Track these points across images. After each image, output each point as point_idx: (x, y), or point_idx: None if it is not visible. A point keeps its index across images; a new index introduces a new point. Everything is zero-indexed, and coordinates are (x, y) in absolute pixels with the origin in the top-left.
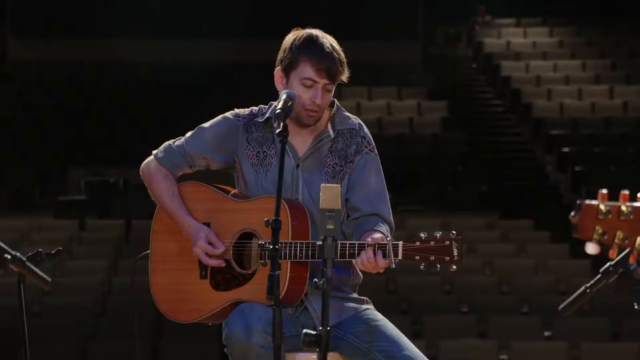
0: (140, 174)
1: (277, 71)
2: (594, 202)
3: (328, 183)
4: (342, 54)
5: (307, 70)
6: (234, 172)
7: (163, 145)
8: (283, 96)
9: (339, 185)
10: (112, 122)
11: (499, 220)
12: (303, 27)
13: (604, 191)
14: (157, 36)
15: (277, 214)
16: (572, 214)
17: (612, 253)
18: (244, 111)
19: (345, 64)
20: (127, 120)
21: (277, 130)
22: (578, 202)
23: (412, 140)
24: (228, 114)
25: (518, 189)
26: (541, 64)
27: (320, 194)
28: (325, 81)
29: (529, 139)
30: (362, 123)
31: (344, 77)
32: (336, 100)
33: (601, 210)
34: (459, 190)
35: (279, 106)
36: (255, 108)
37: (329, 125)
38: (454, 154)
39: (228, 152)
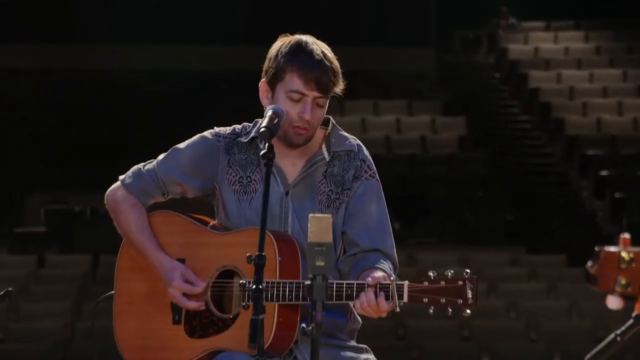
0: (105, 202)
1: (262, 83)
2: (615, 249)
3: (322, 213)
4: (336, 62)
5: (294, 81)
6: (213, 201)
7: (131, 170)
8: (268, 112)
9: (329, 216)
10: (80, 140)
11: (525, 255)
12: (293, 33)
13: (626, 236)
14: (138, 40)
15: (260, 248)
16: (590, 264)
17: (638, 307)
18: (226, 130)
19: (339, 74)
20: (98, 139)
21: (262, 152)
22: (597, 249)
23: (425, 161)
24: (207, 133)
25: (548, 219)
26: (575, 74)
27: (309, 225)
28: (315, 94)
29: (560, 160)
30: (361, 144)
31: (338, 88)
32: (331, 118)
33: (623, 258)
34: (478, 219)
35: (264, 123)
36: (238, 126)
37: (324, 146)
38: (473, 178)
39: (206, 178)
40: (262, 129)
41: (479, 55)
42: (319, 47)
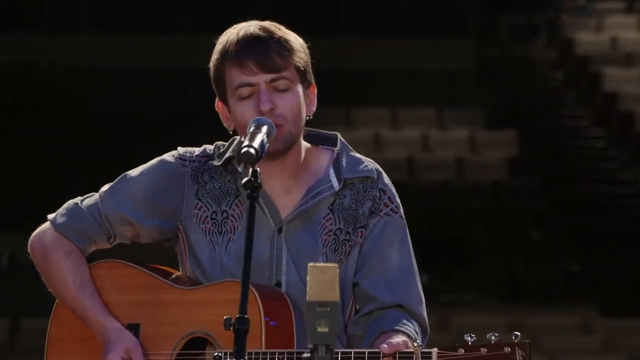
0: (29, 249)
1: (217, 105)
2: None
3: (326, 258)
4: (281, 31)
5: (234, 75)
6: (176, 246)
7: (65, 206)
8: (252, 126)
9: (335, 266)
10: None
11: (598, 318)
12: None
13: None
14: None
15: (242, 308)
16: None
17: None
18: (193, 151)
19: (291, 42)
20: (19, 161)
21: (244, 180)
22: None
23: (462, 191)
24: (168, 157)
25: (627, 271)
26: None
27: (308, 278)
28: (263, 76)
29: None
30: (381, 170)
31: (298, 59)
32: (339, 136)
33: None
34: (533, 269)
35: (246, 141)
36: (209, 147)
37: (331, 171)
38: (526, 213)
39: (167, 215)
40: (244, 149)
41: (535, 49)
42: (260, 25)
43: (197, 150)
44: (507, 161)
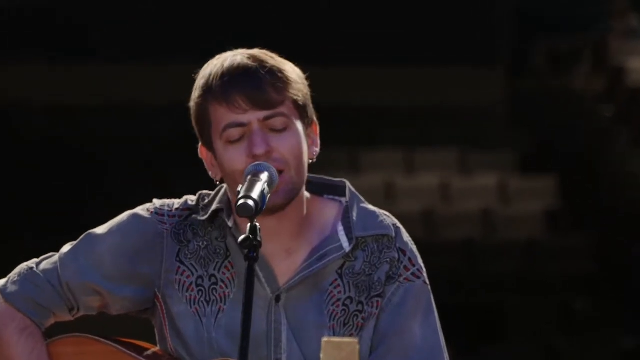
0: None
1: (201, 151)
2: None
3: (334, 335)
4: (274, 60)
5: (219, 114)
6: (153, 318)
7: (17, 271)
8: (250, 173)
9: (355, 341)
10: None
11: None
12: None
13: None
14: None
15: None
16: None
17: None
18: (172, 204)
19: (285, 71)
20: None
21: (241, 238)
22: None
23: (491, 250)
24: (142, 211)
25: None
26: None
27: (322, 355)
28: (256, 114)
29: None
30: (399, 225)
31: (296, 91)
32: (348, 184)
33: None
34: (579, 346)
35: (243, 190)
36: (192, 198)
37: (340, 228)
38: (570, 278)
39: (142, 282)
40: (241, 201)
41: (578, 79)
42: (250, 54)
43: (176, 203)
44: (545, 215)
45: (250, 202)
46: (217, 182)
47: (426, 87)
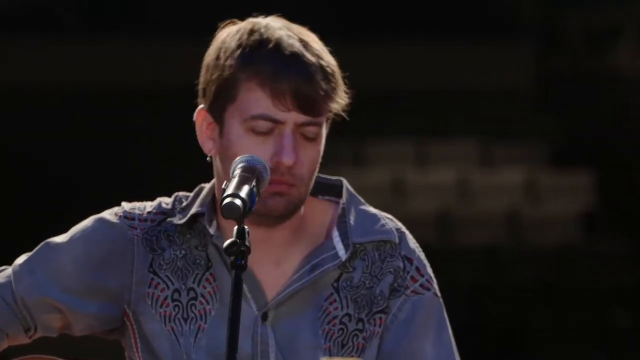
0: None
1: (199, 113)
2: None
3: (331, 355)
4: (329, 56)
5: (255, 98)
6: (122, 338)
7: None
8: (238, 168)
9: None
10: None
11: None
12: (244, 18)
13: None
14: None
15: None
16: None
17: None
18: (143, 207)
19: (338, 77)
20: None
21: (226, 243)
22: None
23: (516, 260)
24: (108, 215)
25: None
26: None
27: None
28: (297, 116)
29: None
30: (403, 229)
31: (339, 101)
32: (345, 182)
33: None
34: None
35: (229, 188)
36: (166, 200)
37: (335, 233)
38: (608, 290)
39: (109, 297)
40: (227, 200)
41: (619, 57)
42: (291, 30)
43: (148, 206)
44: (581, 217)
45: (238, 202)
46: (208, 158)
47: (441, 69)
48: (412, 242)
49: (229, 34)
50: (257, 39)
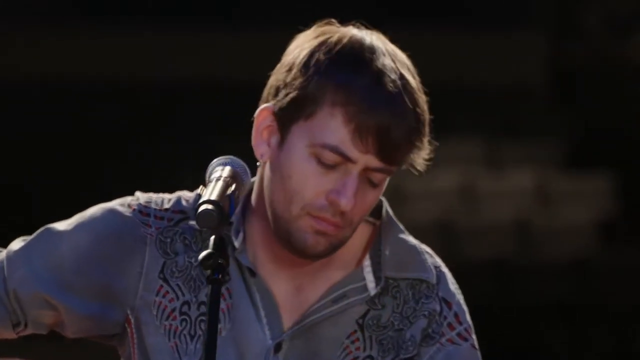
0: None
1: (263, 112)
2: None
3: None
4: (422, 100)
5: (334, 126)
6: (120, 347)
7: None
8: (215, 171)
9: None
10: None
11: None
12: (322, 18)
13: None
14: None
15: None
16: None
17: None
18: (161, 202)
19: (427, 125)
20: None
21: (202, 254)
22: None
23: (527, 273)
24: (120, 206)
25: None
26: None
27: None
28: (371, 161)
29: None
30: (443, 267)
31: (420, 155)
32: (385, 203)
33: None
34: None
35: (207, 195)
36: (186, 196)
37: (367, 262)
38: (631, 307)
39: (111, 298)
40: (202, 207)
41: (638, 47)
42: (395, 61)
43: (166, 200)
44: (598, 225)
45: (215, 210)
46: (259, 162)
47: (444, 60)
48: (452, 283)
49: (324, 41)
50: (357, 62)
